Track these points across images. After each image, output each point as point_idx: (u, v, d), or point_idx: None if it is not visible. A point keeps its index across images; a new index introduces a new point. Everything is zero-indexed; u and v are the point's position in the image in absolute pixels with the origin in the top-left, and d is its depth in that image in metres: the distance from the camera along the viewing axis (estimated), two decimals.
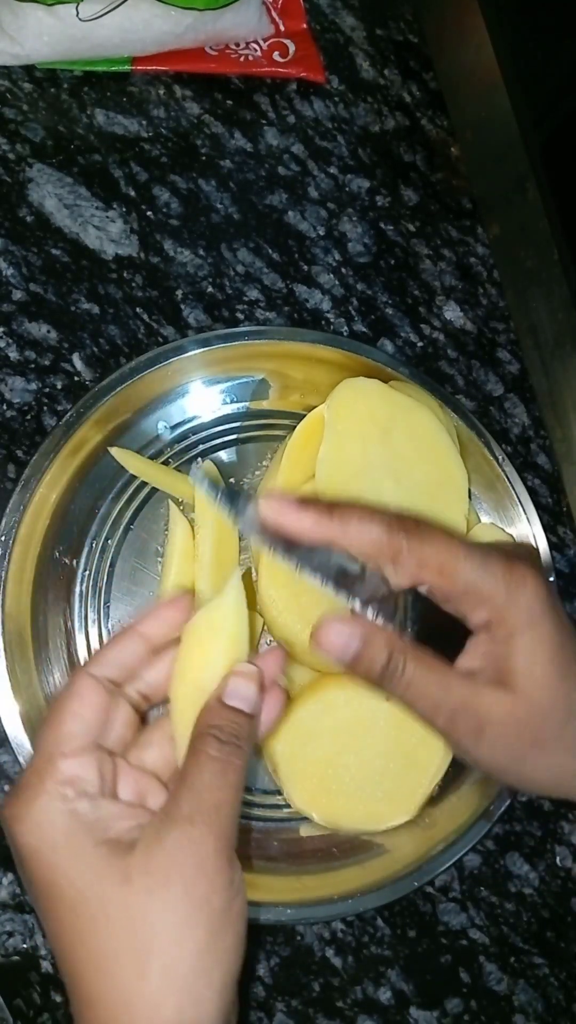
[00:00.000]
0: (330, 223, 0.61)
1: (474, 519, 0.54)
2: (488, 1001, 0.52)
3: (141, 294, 0.56)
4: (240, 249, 0.59)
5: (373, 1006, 0.50)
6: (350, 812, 0.47)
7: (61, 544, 0.50)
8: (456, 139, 0.67)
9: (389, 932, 0.51)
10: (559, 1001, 0.53)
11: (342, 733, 0.47)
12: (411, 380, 0.53)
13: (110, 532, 0.51)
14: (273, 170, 0.61)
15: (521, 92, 0.69)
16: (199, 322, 0.57)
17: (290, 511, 0.34)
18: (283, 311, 0.58)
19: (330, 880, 0.48)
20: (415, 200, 0.64)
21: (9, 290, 0.54)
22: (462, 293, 0.63)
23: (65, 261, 0.55)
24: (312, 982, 0.49)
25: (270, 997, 0.48)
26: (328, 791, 0.47)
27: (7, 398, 0.52)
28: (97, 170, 0.57)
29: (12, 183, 0.55)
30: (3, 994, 0.45)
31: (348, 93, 0.65)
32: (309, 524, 0.34)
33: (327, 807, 0.47)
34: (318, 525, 0.34)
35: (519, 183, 0.68)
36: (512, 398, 0.62)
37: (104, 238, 0.56)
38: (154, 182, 0.58)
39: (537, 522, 0.54)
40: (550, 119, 0.76)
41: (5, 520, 0.47)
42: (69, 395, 0.53)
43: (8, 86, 0.57)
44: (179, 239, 0.58)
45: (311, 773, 0.47)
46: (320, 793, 0.47)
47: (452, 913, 0.52)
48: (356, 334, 0.60)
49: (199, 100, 0.61)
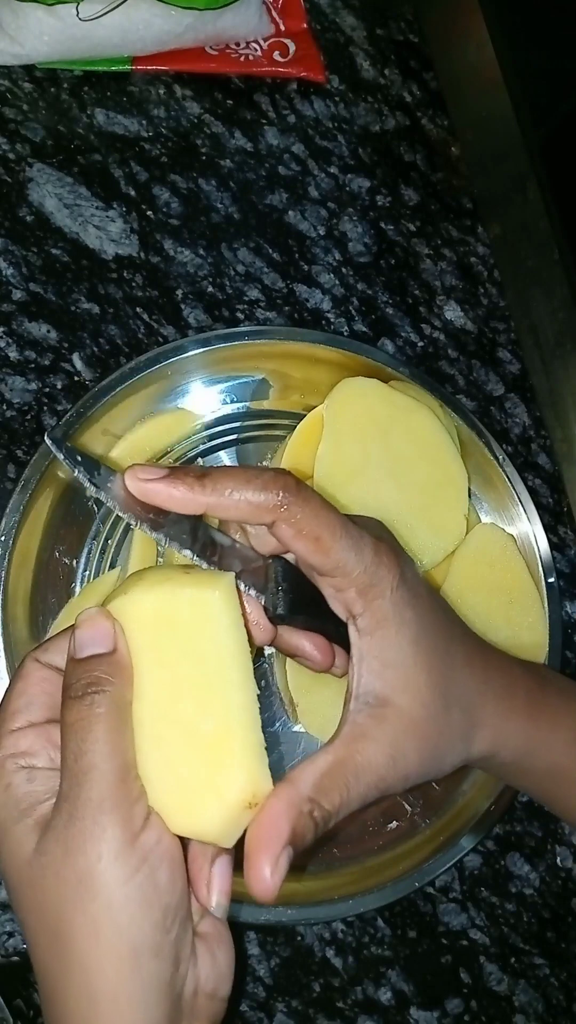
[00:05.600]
0: (330, 223, 0.61)
1: (474, 519, 0.54)
2: (488, 1001, 0.51)
3: (141, 294, 0.56)
4: (240, 249, 0.59)
5: (373, 1006, 0.50)
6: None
7: (61, 544, 0.50)
8: (456, 139, 0.67)
9: (389, 932, 0.51)
10: (559, 1001, 0.53)
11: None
12: (411, 380, 0.53)
13: (110, 532, 0.51)
14: (273, 170, 0.61)
15: (521, 92, 0.69)
16: (199, 322, 0.57)
17: (160, 482, 0.32)
18: (283, 311, 0.58)
19: (330, 880, 0.48)
20: (415, 200, 0.64)
21: (9, 290, 0.54)
22: (462, 293, 0.63)
23: (65, 261, 0.55)
24: (312, 982, 0.49)
25: (270, 997, 0.48)
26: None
27: (7, 398, 0.52)
28: (97, 170, 0.57)
29: (12, 183, 0.55)
30: (3, 994, 0.45)
31: (348, 93, 0.65)
32: (180, 494, 0.31)
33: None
34: (191, 494, 0.31)
35: (519, 183, 0.68)
36: (512, 398, 0.62)
37: (104, 238, 0.56)
38: (154, 182, 0.58)
39: (537, 522, 0.54)
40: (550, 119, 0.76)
41: (5, 520, 0.47)
42: (69, 395, 0.53)
43: (8, 86, 0.57)
44: (179, 239, 0.58)
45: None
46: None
47: (452, 913, 0.52)
48: (356, 334, 0.60)
49: (199, 100, 0.61)
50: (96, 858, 0.28)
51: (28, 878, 0.30)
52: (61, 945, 0.29)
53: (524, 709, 0.38)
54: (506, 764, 0.38)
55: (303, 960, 0.49)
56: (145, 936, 0.29)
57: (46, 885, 0.29)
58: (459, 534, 0.51)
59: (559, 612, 0.53)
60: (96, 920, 0.28)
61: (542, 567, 0.53)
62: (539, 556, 0.53)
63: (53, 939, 0.29)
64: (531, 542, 0.54)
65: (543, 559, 0.53)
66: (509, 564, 0.53)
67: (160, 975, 0.29)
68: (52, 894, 0.29)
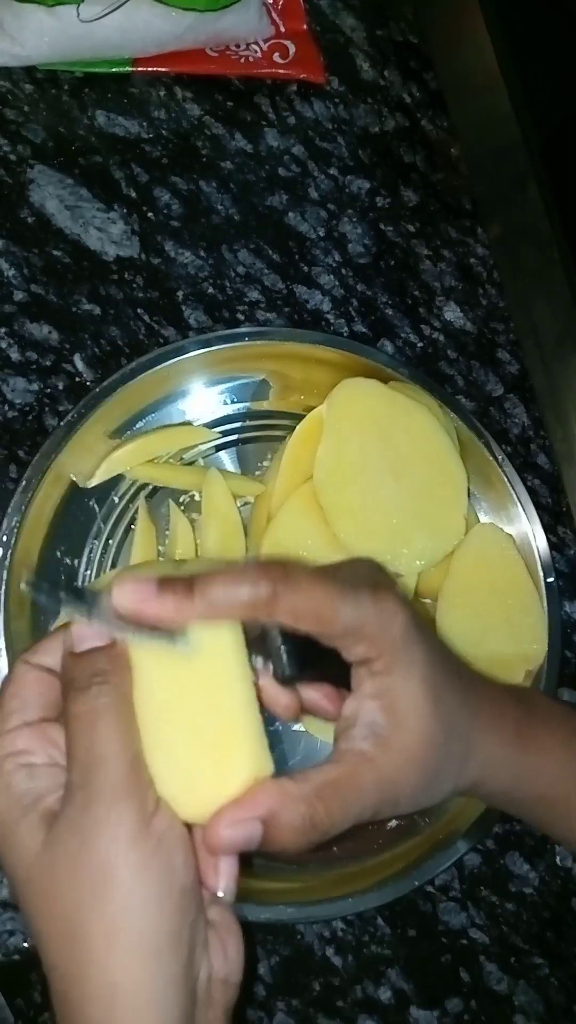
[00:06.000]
0: (330, 224, 0.62)
1: (474, 519, 0.54)
2: (488, 1001, 0.52)
3: (142, 295, 0.56)
4: (241, 250, 0.59)
5: (373, 1006, 0.50)
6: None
7: (62, 544, 0.50)
8: (456, 139, 0.67)
9: (389, 932, 0.51)
10: (559, 1001, 0.53)
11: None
12: (411, 380, 0.53)
13: (111, 532, 0.51)
14: (273, 171, 0.61)
15: (521, 92, 0.69)
16: (200, 323, 0.57)
17: (149, 596, 0.31)
18: (283, 312, 0.59)
19: (330, 880, 0.48)
20: (415, 200, 0.64)
21: (10, 291, 0.54)
22: (462, 293, 0.63)
23: (66, 262, 0.55)
24: (312, 982, 0.49)
25: (270, 997, 0.48)
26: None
27: (9, 398, 0.52)
28: (98, 171, 0.57)
29: (13, 184, 0.56)
30: (4, 994, 0.45)
31: (348, 94, 0.65)
32: (172, 607, 0.31)
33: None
34: (181, 606, 0.31)
35: (519, 183, 0.68)
36: (512, 398, 0.62)
37: (105, 239, 0.56)
38: (155, 183, 0.58)
39: (537, 522, 0.54)
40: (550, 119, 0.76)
41: (6, 520, 0.47)
42: (70, 396, 0.53)
43: (9, 87, 0.57)
44: (180, 240, 0.58)
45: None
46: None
47: (452, 913, 0.52)
48: (356, 335, 0.60)
49: (200, 101, 0.61)
50: (113, 843, 0.29)
51: (39, 873, 0.30)
52: (76, 941, 0.29)
53: (513, 738, 0.38)
54: (495, 794, 0.39)
55: (303, 959, 0.49)
56: (163, 920, 0.29)
57: (59, 878, 0.29)
58: (458, 534, 0.52)
59: (558, 612, 0.53)
60: (114, 912, 0.29)
61: (541, 567, 0.53)
62: (538, 556, 0.53)
63: (68, 936, 0.29)
64: (530, 542, 0.54)
65: (542, 559, 0.53)
66: (508, 564, 0.53)
67: (179, 960, 0.30)
68: (66, 886, 0.29)
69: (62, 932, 0.29)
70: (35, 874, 0.30)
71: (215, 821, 0.30)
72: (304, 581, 0.32)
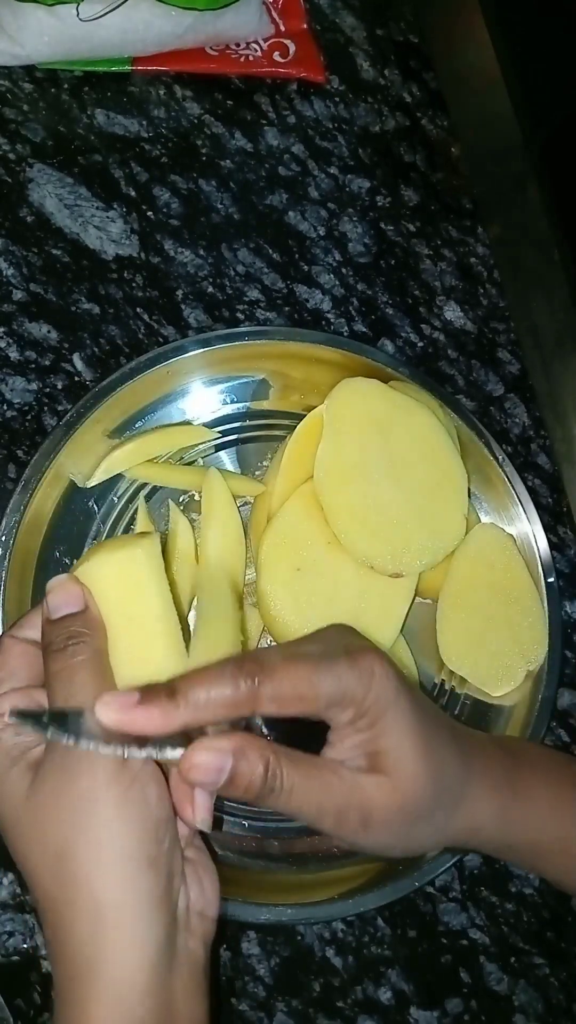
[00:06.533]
0: (330, 223, 0.62)
1: (474, 519, 0.54)
2: (488, 1001, 0.52)
3: (141, 294, 0.56)
4: (240, 249, 0.59)
5: (373, 1006, 0.50)
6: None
7: (62, 544, 0.50)
8: (456, 139, 0.67)
9: (389, 932, 0.51)
10: (560, 1001, 0.53)
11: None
12: (411, 380, 0.53)
13: (111, 532, 0.51)
14: (273, 170, 0.61)
15: (521, 92, 0.69)
16: (199, 322, 0.57)
17: (133, 711, 0.31)
18: (283, 311, 0.58)
19: (330, 880, 0.48)
20: (415, 200, 0.64)
21: (10, 290, 0.54)
22: (462, 293, 0.63)
23: (65, 261, 0.55)
24: (312, 982, 0.49)
25: (270, 997, 0.48)
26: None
27: (8, 398, 0.52)
28: (97, 170, 0.57)
29: (13, 183, 0.56)
30: (3, 994, 0.45)
31: (348, 93, 0.65)
32: (158, 718, 0.31)
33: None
34: (166, 715, 0.31)
35: (519, 183, 0.68)
36: (512, 398, 0.62)
37: (104, 238, 0.56)
38: (154, 182, 0.58)
39: (537, 522, 0.54)
40: (550, 119, 0.76)
41: (6, 520, 0.47)
42: (69, 395, 0.53)
43: (8, 86, 0.57)
44: (179, 239, 0.58)
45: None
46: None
47: (452, 913, 0.52)
48: (356, 334, 0.60)
49: (199, 100, 0.61)
50: (93, 779, 0.32)
51: (26, 811, 0.33)
52: (64, 865, 0.32)
53: (504, 786, 0.38)
54: (484, 843, 0.40)
55: (303, 960, 0.49)
56: (142, 845, 0.32)
57: (46, 812, 0.32)
58: (459, 534, 0.51)
59: (559, 612, 0.53)
60: (98, 836, 0.32)
61: (542, 567, 0.53)
62: (539, 556, 0.53)
63: (56, 862, 0.32)
64: (531, 542, 0.54)
65: (543, 559, 0.53)
66: (509, 564, 0.53)
67: (159, 883, 0.32)
68: (53, 818, 0.32)
69: (51, 855, 0.32)
70: (23, 812, 0.33)
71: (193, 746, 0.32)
72: (279, 667, 0.33)
